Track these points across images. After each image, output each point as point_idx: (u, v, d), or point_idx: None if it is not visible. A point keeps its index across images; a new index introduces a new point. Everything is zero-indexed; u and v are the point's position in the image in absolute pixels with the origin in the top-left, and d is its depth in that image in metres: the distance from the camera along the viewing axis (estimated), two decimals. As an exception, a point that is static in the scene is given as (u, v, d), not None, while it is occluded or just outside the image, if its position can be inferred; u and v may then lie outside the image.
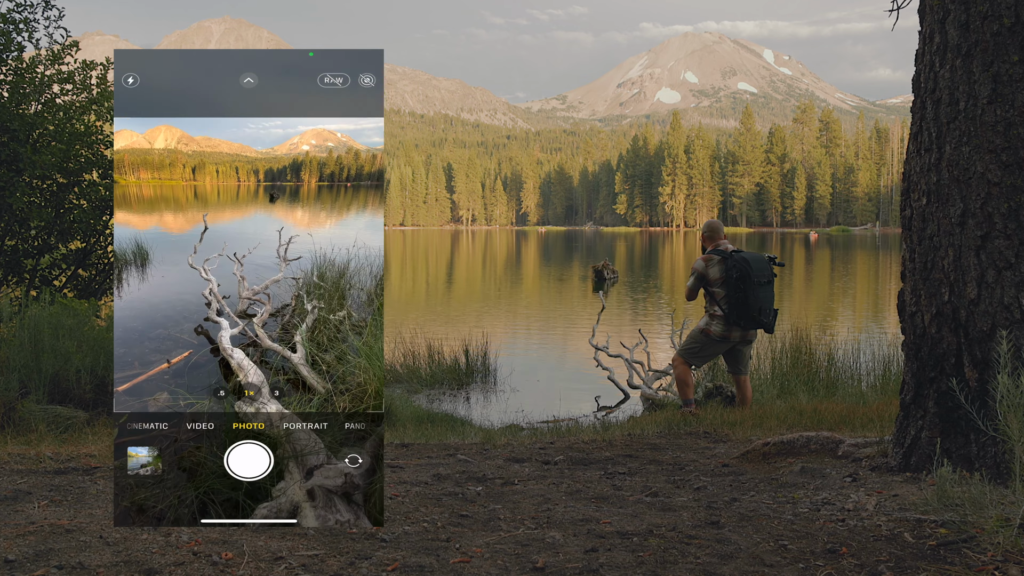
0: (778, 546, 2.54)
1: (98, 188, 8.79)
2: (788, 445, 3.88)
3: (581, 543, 2.59)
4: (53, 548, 2.40)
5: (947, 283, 3.19)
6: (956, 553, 2.41)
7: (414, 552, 2.48)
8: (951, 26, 3.19)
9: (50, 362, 5.87)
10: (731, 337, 6.36)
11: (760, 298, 6.22)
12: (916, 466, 3.27)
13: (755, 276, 6.22)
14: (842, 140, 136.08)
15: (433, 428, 6.17)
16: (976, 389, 3.09)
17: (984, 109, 3.09)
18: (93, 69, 9.18)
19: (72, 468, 3.63)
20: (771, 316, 6.31)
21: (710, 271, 6.40)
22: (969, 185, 3.13)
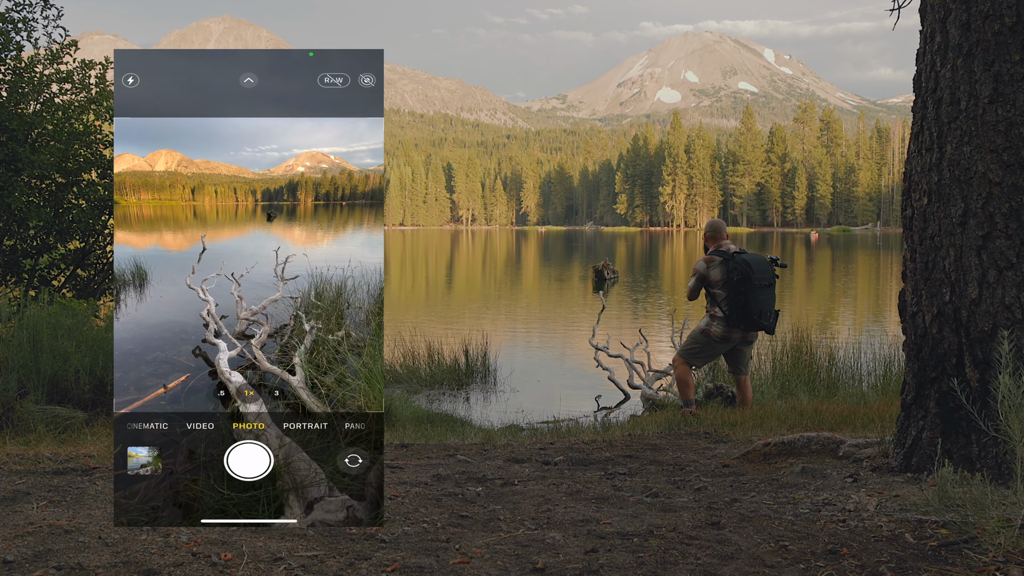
0: (779, 547, 2.54)
1: (97, 188, 8.79)
2: (789, 446, 3.88)
3: (581, 544, 2.59)
4: (52, 549, 2.40)
5: (948, 283, 3.19)
6: (957, 554, 2.41)
7: (414, 553, 2.48)
8: (952, 25, 3.20)
9: (49, 362, 5.87)
10: (731, 338, 6.36)
11: (761, 301, 6.22)
12: (917, 467, 3.27)
13: (756, 279, 6.22)
14: (843, 140, 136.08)
15: (433, 428, 6.18)
16: (977, 389, 3.09)
17: (985, 109, 3.10)
18: (92, 68, 9.18)
19: (71, 468, 3.63)
20: (772, 318, 6.33)
21: (711, 272, 6.40)
22: (970, 185, 3.13)
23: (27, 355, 5.87)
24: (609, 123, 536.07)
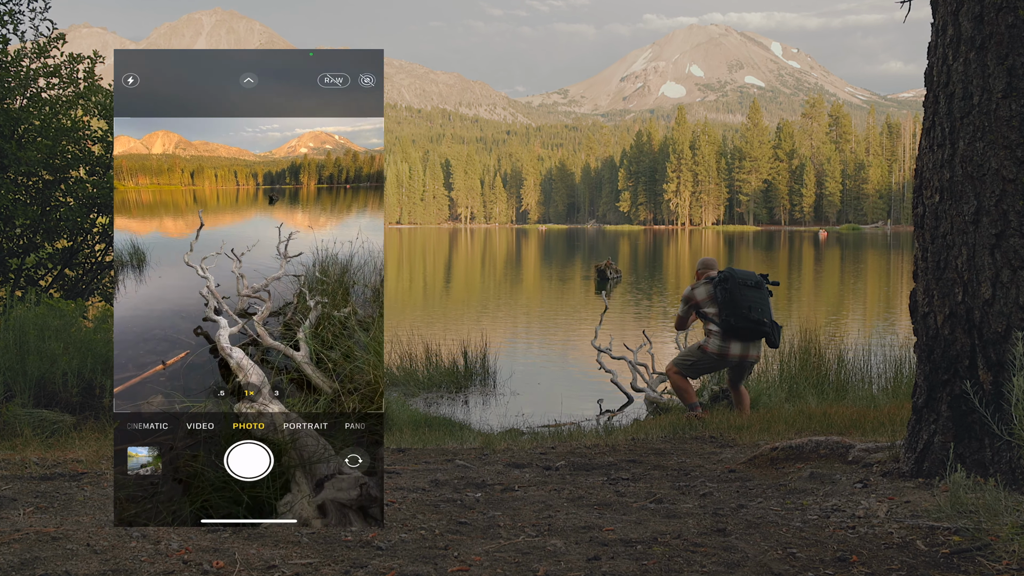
0: (786, 554, 2.54)
1: (85, 185, 8.78)
2: (797, 450, 3.88)
3: (583, 551, 2.59)
4: (39, 556, 2.40)
5: (961, 283, 3.19)
6: (970, 561, 2.41)
7: (411, 560, 2.48)
8: (965, 18, 3.19)
9: (36, 364, 5.87)
10: (729, 355, 6.41)
11: (748, 297, 6.32)
12: (929, 471, 3.27)
13: (739, 278, 6.41)
14: (852, 135, 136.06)
15: (431, 433, 6.18)
16: (991, 392, 3.09)
17: (999, 103, 3.09)
18: (80, 63, 9.17)
19: (58, 474, 3.63)
20: (769, 323, 6.37)
21: (697, 292, 6.59)
22: (983, 182, 3.13)
23: (13, 357, 5.87)
24: (612, 118, 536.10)
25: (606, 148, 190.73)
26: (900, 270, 34.93)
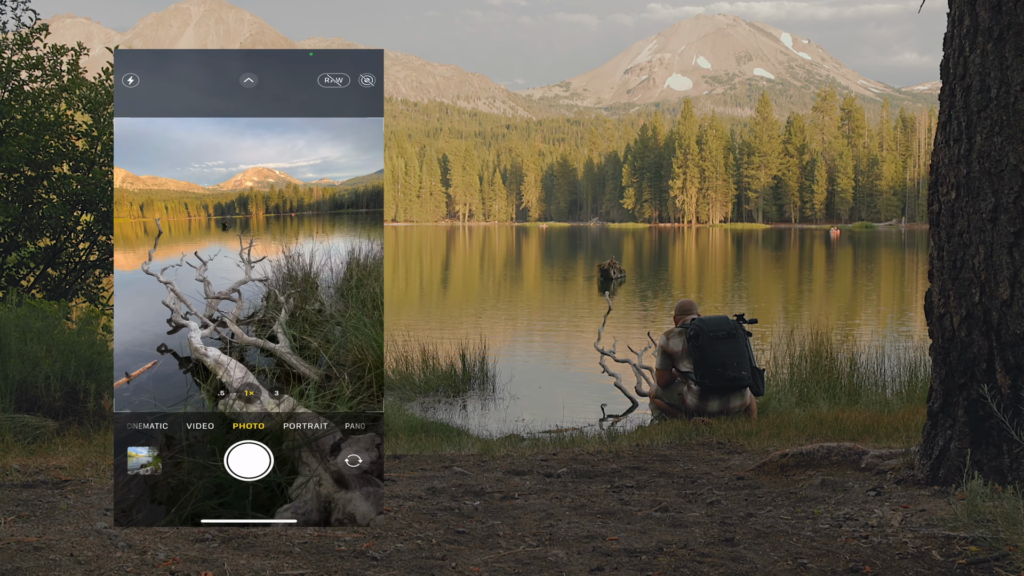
0: (797, 564, 2.54)
1: (69, 181, 8.79)
2: (807, 456, 3.88)
3: (586, 561, 2.59)
4: (20, 567, 2.40)
5: (978, 283, 3.19)
6: (987, 572, 2.41)
7: (407, 571, 2.48)
8: (982, 7, 3.20)
9: (17, 368, 5.86)
10: (707, 409, 6.46)
11: (720, 352, 6.32)
12: (945, 479, 3.27)
13: (710, 331, 6.39)
14: (865, 130, 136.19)
15: (427, 438, 6.18)
16: (1009, 396, 3.09)
17: (1017, 97, 3.09)
18: (64, 55, 9.16)
19: (41, 481, 3.63)
20: (747, 372, 6.37)
21: (671, 343, 6.63)
22: (1001, 178, 3.13)
23: (-6, 360, 5.87)
24: (615, 112, 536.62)
25: (609, 143, 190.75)
26: (915, 270, 34.95)
